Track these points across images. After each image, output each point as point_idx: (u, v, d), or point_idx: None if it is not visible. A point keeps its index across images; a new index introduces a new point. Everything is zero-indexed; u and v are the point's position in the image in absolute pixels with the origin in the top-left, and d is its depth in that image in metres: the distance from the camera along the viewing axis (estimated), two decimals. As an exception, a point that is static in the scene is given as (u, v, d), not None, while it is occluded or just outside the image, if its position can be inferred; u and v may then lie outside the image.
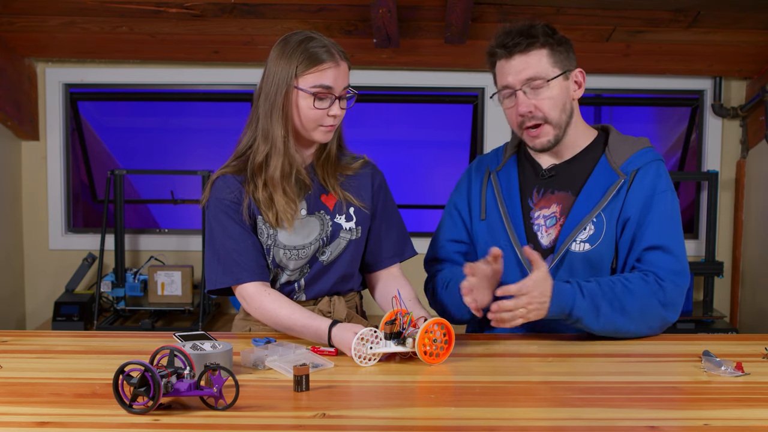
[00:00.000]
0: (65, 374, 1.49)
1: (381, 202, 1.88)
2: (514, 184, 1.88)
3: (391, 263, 1.89)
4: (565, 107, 1.79)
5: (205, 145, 4.80)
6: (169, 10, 3.23)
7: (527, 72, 1.75)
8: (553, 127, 1.79)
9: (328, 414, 1.26)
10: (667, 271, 1.72)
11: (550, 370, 1.53)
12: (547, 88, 1.76)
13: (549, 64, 1.76)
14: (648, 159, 1.81)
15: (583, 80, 1.83)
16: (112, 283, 3.55)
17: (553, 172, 1.85)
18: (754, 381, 1.44)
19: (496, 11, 3.23)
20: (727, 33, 3.34)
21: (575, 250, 1.77)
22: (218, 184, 1.79)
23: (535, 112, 1.77)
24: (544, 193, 1.85)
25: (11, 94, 3.48)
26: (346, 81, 1.74)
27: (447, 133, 4.87)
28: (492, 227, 1.87)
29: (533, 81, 1.75)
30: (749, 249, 3.71)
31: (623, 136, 1.87)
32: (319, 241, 1.79)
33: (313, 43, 1.71)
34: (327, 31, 3.33)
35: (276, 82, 1.71)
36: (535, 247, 1.80)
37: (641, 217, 1.76)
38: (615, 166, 1.80)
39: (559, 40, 1.79)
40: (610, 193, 1.77)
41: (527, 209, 1.85)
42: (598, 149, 1.85)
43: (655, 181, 1.78)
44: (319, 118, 1.72)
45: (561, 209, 1.81)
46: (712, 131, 3.76)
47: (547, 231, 1.82)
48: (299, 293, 1.82)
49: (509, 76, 1.78)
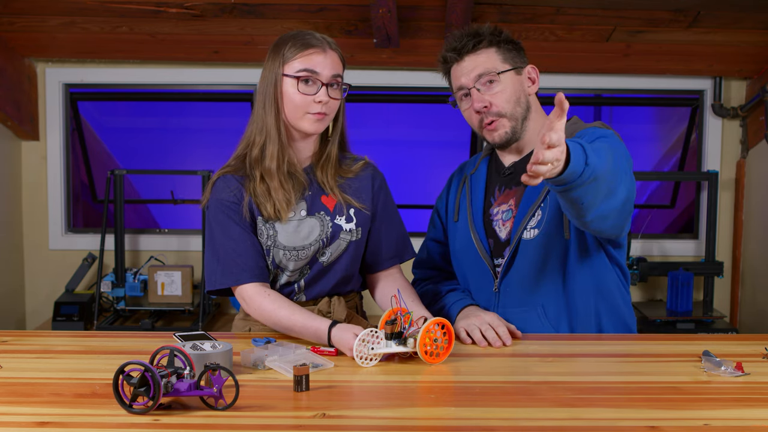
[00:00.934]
0: (65, 374, 1.49)
1: (381, 203, 1.88)
2: (481, 185, 1.95)
3: (391, 264, 1.89)
4: (520, 101, 1.84)
5: (205, 145, 4.80)
6: (169, 10, 3.23)
7: (477, 69, 1.82)
8: (508, 119, 1.83)
9: (328, 414, 1.26)
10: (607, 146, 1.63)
11: (550, 370, 1.53)
12: (498, 82, 1.81)
13: (498, 61, 1.83)
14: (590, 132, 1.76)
15: (537, 76, 1.88)
16: (112, 283, 3.55)
17: (512, 169, 1.91)
18: (754, 381, 1.44)
19: (496, 11, 3.23)
20: (727, 33, 3.34)
21: (527, 237, 1.81)
22: (218, 185, 1.79)
23: (490, 107, 1.82)
24: (504, 190, 1.91)
25: (11, 94, 3.48)
26: (335, 69, 1.75)
27: (447, 133, 4.87)
28: (460, 227, 1.95)
29: (484, 76, 1.81)
30: (749, 249, 3.71)
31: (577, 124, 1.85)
32: (319, 242, 1.79)
33: (300, 35, 1.76)
34: (327, 31, 3.31)
35: (268, 75, 1.76)
36: (495, 242, 1.88)
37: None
38: None
39: (506, 39, 1.86)
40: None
41: (488, 207, 1.92)
42: None
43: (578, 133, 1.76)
44: (305, 105, 1.74)
45: (515, 202, 1.87)
46: (712, 131, 3.76)
47: (503, 224, 1.87)
48: (299, 294, 1.82)
49: (462, 78, 1.85)
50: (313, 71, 1.73)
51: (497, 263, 1.87)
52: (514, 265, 1.83)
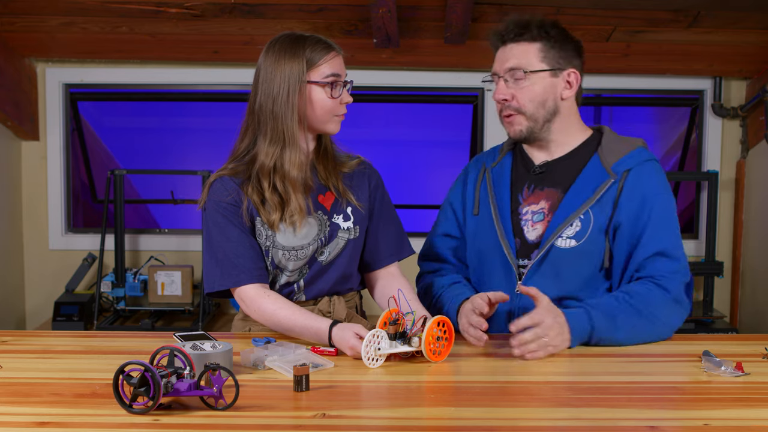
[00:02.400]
0: (65, 374, 1.49)
1: (378, 201, 1.88)
2: (506, 180, 1.90)
3: (389, 262, 1.89)
4: (546, 104, 1.81)
5: (205, 145, 4.80)
6: (169, 10, 3.23)
7: (510, 62, 1.80)
8: (526, 118, 1.82)
9: (328, 414, 1.26)
10: (667, 272, 1.73)
11: (550, 370, 1.53)
12: (526, 80, 1.79)
13: (536, 58, 1.79)
14: (640, 159, 1.81)
15: (576, 82, 1.83)
16: (112, 283, 3.55)
17: (544, 168, 1.87)
18: (754, 381, 1.44)
19: (496, 11, 3.23)
20: (727, 33, 3.34)
21: (561, 246, 1.77)
22: (216, 187, 1.79)
23: (510, 101, 1.81)
24: (534, 189, 1.86)
25: (11, 94, 3.48)
26: (345, 70, 1.79)
27: (447, 133, 4.87)
28: (482, 222, 1.90)
29: (514, 71, 1.79)
30: (749, 249, 3.71)
31: (618, 136, 1.87)
32: (317, 241, 1.79)
33: (311, 39, 1.75)
34: (327, 31, 3.33)
35: (285, 82, 1.72)
36: (521, 242, 1.83)
37: (637, 223, 1.76)
38: (606, 165, 1.80)
39: (557, 36, 1.80)
40: (599, 192, 1.77)
41: (516, 204, 1.87)
42: (590, 148, 1.86)
43: (649, 184, 1.78)
44: (334, 108, 1.75)
45: (549, 205, 1.83)
46: (712, 131, 3.76)
47: (533, 226, 1.83)
48: (299, 294, 1.82)
49: (497, 63, 1.84)
50: (338, 75, 1.74)
51: (521, 264, 1.82)
52: (540, 269, 1.79)
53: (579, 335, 1.65)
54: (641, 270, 1.75)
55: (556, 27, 1.81)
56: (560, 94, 1.82)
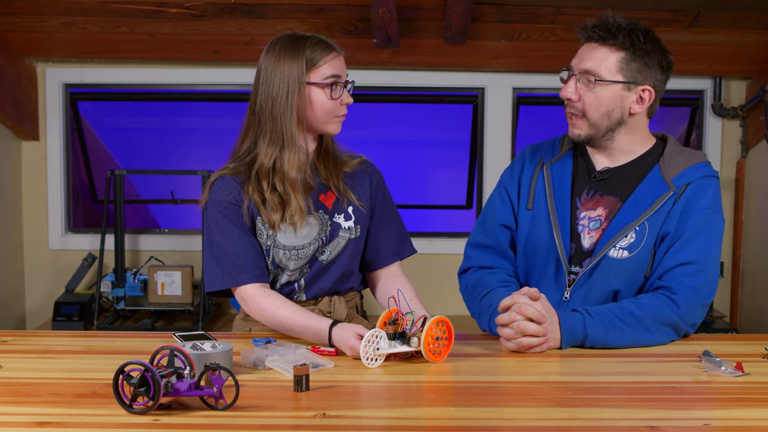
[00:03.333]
0: (65, 374, 1.49)
1: (379, 200, 1.88)
2: (567, 180, 1.85)
3: (391, 261, 1.89)
4: (612, 114, 1.76)
5: (205, 145, 4.80)
6: (169, 10, 3.23)
7: (586, 63, 1.75)
8: (588, 125, 1.77)
9: (328, 414, 1.26)
10: (683, 287, 1.70)
11: (550, 370, 1.53)
12: (597, 86, 1.74)
13: (614, 68, 1.74)
14: (700, 174, 1.77)
15: (649, 100, 1.77)
16: (112, 283, 3.55)
17: (606, 175, 1.82)
18: (754, 381, 1.44)
19: (496, 11, 3.23)
20: (727, 33, 3.34)
21: (613, 256, 1.74)
22: (217, 186, 1.79)
23: (575, 101, 1.76)
24: (593, 195, 1.82)
25: (11, 94, 3.47)
26: (346, 70, 1.78)
27: (447, 133, 4.87)
28: (537, 219, 1.84)
29: (587, 74, 1.74)
30: (749, 249, 3.71)
31: (681, 148, 1.83)
32: (318, 240, 1.79)
33: (311, 40, 1.74)
34: (327, 31, 3.33)
35: (284, 83, 1.72)
36: (576, 247, 1.79)
37: (677, 231, 1.73)
38: (667, 178, 1.76)
39: (645, 48, 1.75)
40: (657, 204, 1.74)
41: (574, 208, 1.82)
42: (653, 158, 1.81)
43: (703, 197, 1.74)
44: (334, 109, 1.75)
45: (606, 213, 1.79)
46: (712, 131, 3.76)
47: (589, 233, 1.79)
48: (299, 293, 1.82)
49: (576, 58, 1.78)
50: (338, 75, 1.74)
51: (573, 270, 1.80)
52: (591, 278, 1.76)
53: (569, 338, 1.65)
54: (663, 278, 1.72)
55: (649, 37, 1.76)
56: (629, 108, 1.76)
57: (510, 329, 1.62)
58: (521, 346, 1.62)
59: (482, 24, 3.30)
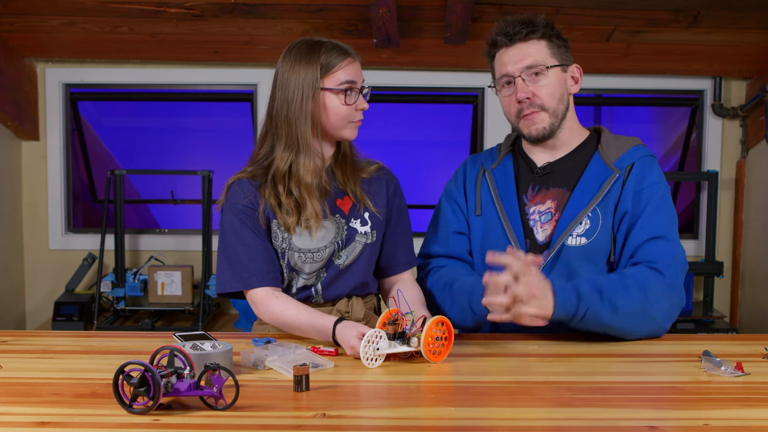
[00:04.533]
0: (65, 374, 1.49)
1: (396, 207, 1.89)
2: (510, 180, 1.90)
3: (405, 269, 1.90)
4: (562, 98, 1.84)
5: (205, 145, 4.80)
6: (169, 10, 3.23)
7: (527, 60, 1.80)
8: (549, 115, 1.83)
9: (328, 414, 1.26)
10: (663, 257, 1.73)
11: (550, 370, 1.53)
12: (545, 76, 1.80)
13: (547, 55, 1.82)
14: (641, 155, 1.84)
15: (580, 76, 1.88)
16: (112, 283, 3.56)
17: (548, 169, 1.88)
18: (754, 381, 1.44)
19: (496, 11, 3.23)
20: (727, 33, 3.34)
21: (571, 244, 1.78)
22: (234, 189, 1.80)
23: (533, 98, 1.81)
24: (539, 189, 1.87)
25: (11, 94, 3.48)
26: (362, 76, 1.78)
27: (447, 133, 4.88)
28: (488, 223, 1.89)
29: (532, 68, 1.80)
30: (749, 249, 3.71)
31: (615, 135, 1.91)
32: (334, 244, 1.79)
33: (327, 45, 1.74)
34: (327, 31, 3.33)
35: (299, 88, 1.72)
36: (531, 242, 1.84)
37: (634, 211, 1.78)
38: (609, 162, 1.83)
39: (557, 34, 1.84)
40: (605, 188, 1.80)
41: (522, 205, 1.87)
42: (590, 147, 1.89)
43: (650, 174, 1.81)
44: (349, 115, 1.75)
45: (556, 205, 1.84)
46: (712, 131, 3.76)
47: (542, 227, 1.84)
48: (317, 297, 1.82)
49: (509, 65, 1.82)
50: (353, 81, 1.74)
51: None
52: (553, 270, 1.79)
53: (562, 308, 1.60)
54: (636, 255, 1.76)
55: (554, 26, 1.85)
56: (569, 89, 1.86)
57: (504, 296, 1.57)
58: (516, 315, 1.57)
59: (482, 24, 3.30)
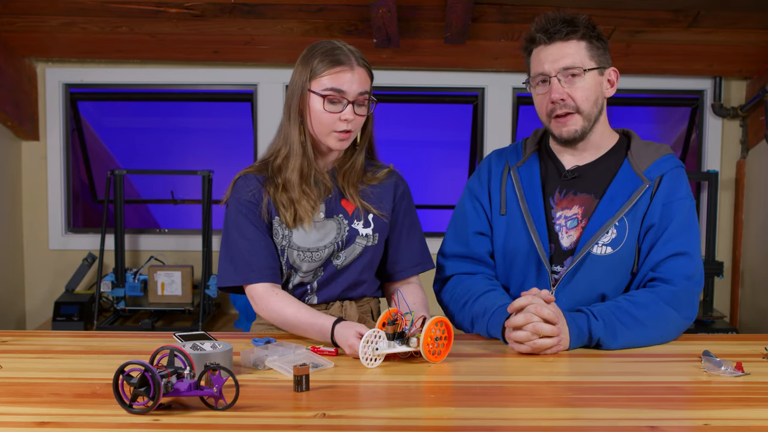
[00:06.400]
0: (65, 374, 1.49)
1: (402, 212, 1.88)
2: (536, 182, 1.86)
3: (411, 274, 1.89)
4: (597, 102, 1.79)
5: (205, 145, 4.80)
6: (169, 10, 3.23)
7: (565, 60, 1.76)
8: (583, 118, 1.78)
9: (328, 414, 1.26)
10: (679, 276, 1.73)
11: (550, 370, 1.53)
12: (582, 78, 1.76)
13: (586, 57, 1.77)
14: (671, 165, 1.80)
15: (617, 80, 1.83)
16: (112, 283, 3.56)
17: (576, 173, 1.84)
18: (754, 381, 1.44)
19: (496, 11, 3.24)
20: (727, 33, 3.34)
21: (597, 253, 1.75)
22: (239, 184, 1.81)
23: (567, 100, 1.77)
24: (566, 193, 1.83)
25: (11, 94, 3.48)
26: (362, 87, 1.73)
27: (447, 133, 4.88)
28: (512, 224, 1.85)
29: (570, 70, 1.75)
30: (749, 249, 3.71)
31: (645, 142, 1.86)
32: (333, 244, 1.79)
33: (324, 50, 1.73)
34: (327, 31, 3.33)
35: (296, 86, 1.76)
36: (556, 248, 1.80)
37: (661, 223, 1.76)
38: (638, 171, 1.79)
39: (598, 35, 1.79)
40: (634, 198, 1.76)
41: (549, 208, 1.83)
42: (620, 153, 1.84)
43: (679, 188, 1.78)
44: (331, 123, 1.73)
45: (583, 211, 1.80)
46: (712, 131, 3.76)
47: (567, 232, 1.80)
48: (311, 296, 1.82)
49: (546, 64, 1.77)
50: (339, 90, 1.71)
51: (555, 270, 1.79)
52: (575, 277, 1.76)
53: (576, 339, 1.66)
54: (656, 270, 1.74)
55: (595, 26, 1.80)
56: (604, 92, 1.81)
57: (523, 332, 1.61)
58: (535, 348, 1.61)
59: (482, 24, 3.30)
